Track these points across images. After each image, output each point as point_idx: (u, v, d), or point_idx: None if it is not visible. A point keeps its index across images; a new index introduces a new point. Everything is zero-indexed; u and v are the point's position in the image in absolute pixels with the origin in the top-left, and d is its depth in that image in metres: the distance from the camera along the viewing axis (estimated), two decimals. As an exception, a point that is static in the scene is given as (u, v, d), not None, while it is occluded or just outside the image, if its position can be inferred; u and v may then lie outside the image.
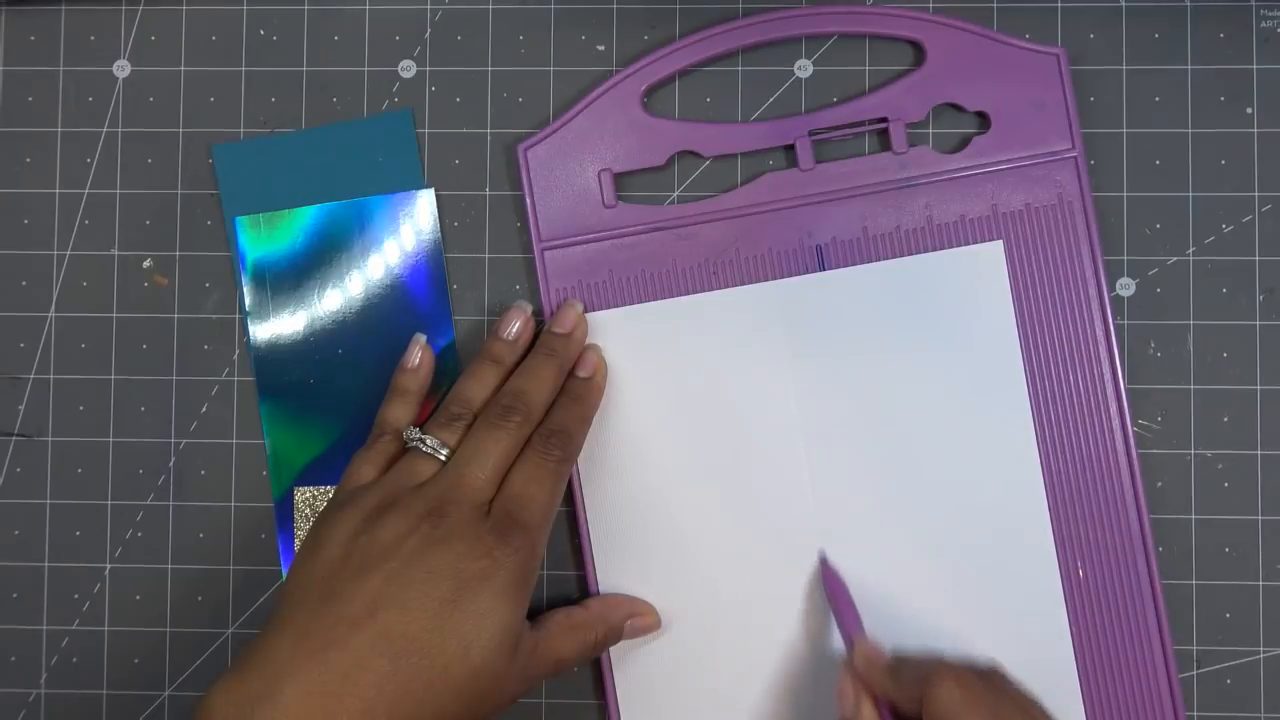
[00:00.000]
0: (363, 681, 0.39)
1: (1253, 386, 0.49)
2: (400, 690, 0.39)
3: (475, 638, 0.40)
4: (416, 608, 0.40)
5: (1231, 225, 0.50)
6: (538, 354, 0.47)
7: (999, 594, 0.47)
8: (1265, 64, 0.50)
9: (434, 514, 0.42)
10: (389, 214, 0.51)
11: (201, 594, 0.51)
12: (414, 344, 0.48)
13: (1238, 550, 0.49)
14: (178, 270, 0.51)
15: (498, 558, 0.41)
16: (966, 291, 0.48)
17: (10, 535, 0.52)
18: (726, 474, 0.48)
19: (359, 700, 0.39)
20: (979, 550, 0.48)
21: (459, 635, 0.40)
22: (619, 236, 0.49)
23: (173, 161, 0.52)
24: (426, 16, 0.51)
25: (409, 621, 0.40)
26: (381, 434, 0.46)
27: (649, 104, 0.51)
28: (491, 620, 0.41)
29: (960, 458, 0.48)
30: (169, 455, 0.51)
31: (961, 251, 0.48)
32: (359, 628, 0.40)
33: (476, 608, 0.41)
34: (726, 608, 0.48)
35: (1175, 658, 0.48)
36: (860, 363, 0.48)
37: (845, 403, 0.48)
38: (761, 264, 0.49)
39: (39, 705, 0.51)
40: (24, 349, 0.52)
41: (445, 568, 0.41)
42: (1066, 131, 0.49)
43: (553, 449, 0.44)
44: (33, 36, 0.52)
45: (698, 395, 0.48)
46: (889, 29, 0.49)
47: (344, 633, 0.40)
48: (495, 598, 0.41)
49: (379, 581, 0.41)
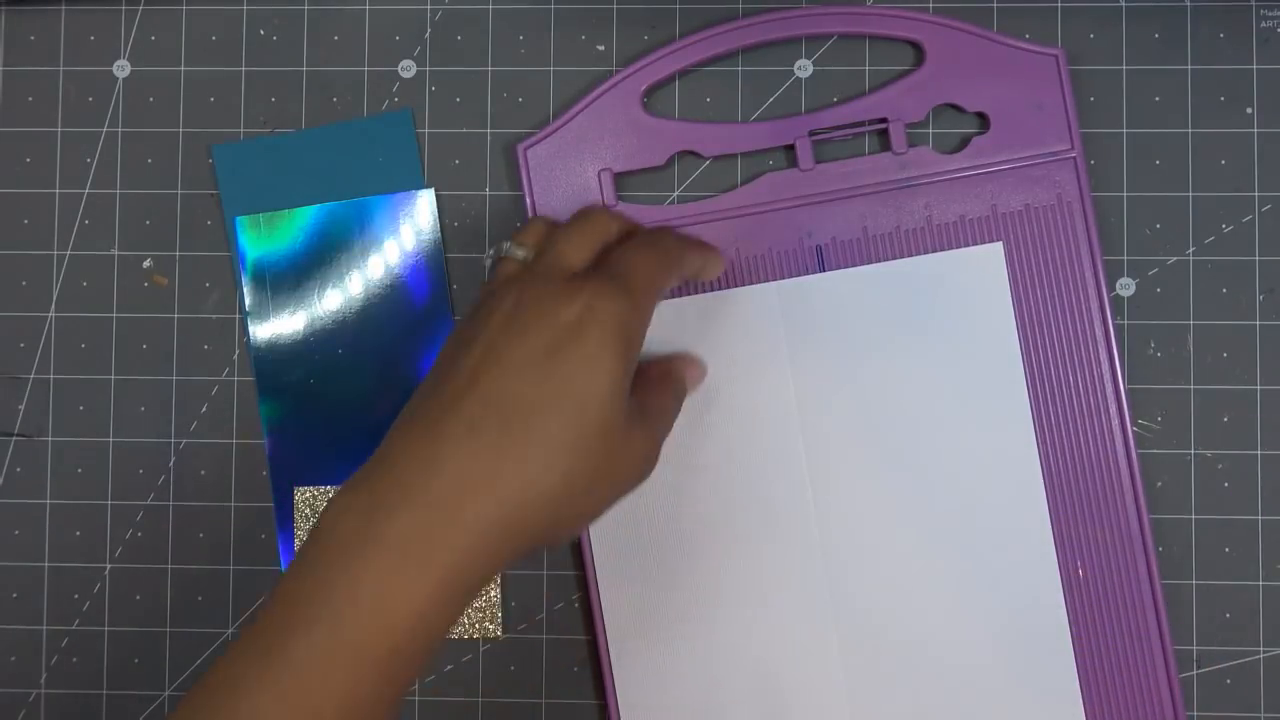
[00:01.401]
0: (477, 461, 0.37)
1: (1253, 386, 0.49)
2: (520, 457, 0.37)
3: (585, 386, 0.38)
4: (517, 361, 0.38)
5: (1231, 225, 0.50)
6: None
7: (999, 593, 0.47)
8: (1265, 64, 0.50)
9: (527, 282, 0.40)
10: (389, 214, 0.51)
11: (201, 594, 0.51)
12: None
13: (1238, 550, 0.49)
14: (178, 270, 0.51)
15: (595, 306, 0.39)
16: (966, 293, 0.48)
17: (10, 535, 0.52)
18: (726, 474, 0.48)
19: (474, 492, 0.37)
20: (979, 550, 0.48)
21: (568, 386, 0.38)
22: (619, 236, 0.49)
23: (173, 161, 0.52)
24: (426, 16, 0.51)
25: (510, 377, 0.38)
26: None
27: (649, 104, 0.51)
28: (600, 366, 0.38)
29: (960, 458, 0.48)
30: (169, 455, 0.51)
31: (962, 253, 0.48)
32: (465, 391, 0.38)
33: (582, 353, 0.38)
34: (726, 607, 0.48)
35: (1175, 658, 0.48)
36: (860, 363, 0.48)
37: (845, 403, 0.48)
38: (761, 264, 0.49)
39: (39, 705, 0.51)
40: (24, 349, 0.52)
41: (541, 320, 0.38)
42: (1066, 132, 0.49)
43: (663, 233, 0.44)
44: (33, 36, 0.52)
45: (698, 395, 0.48)
46: (889, 29, 0.49)
47: (452, 396, 0.38)
48: (601, 345, 0.38)
49: (479, 352, 0.38)
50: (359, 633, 0.35)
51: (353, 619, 0.35)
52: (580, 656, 0.50)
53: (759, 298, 0.49)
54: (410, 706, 0.51)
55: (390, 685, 0.36)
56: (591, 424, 0.38)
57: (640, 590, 0.48)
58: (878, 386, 0.48)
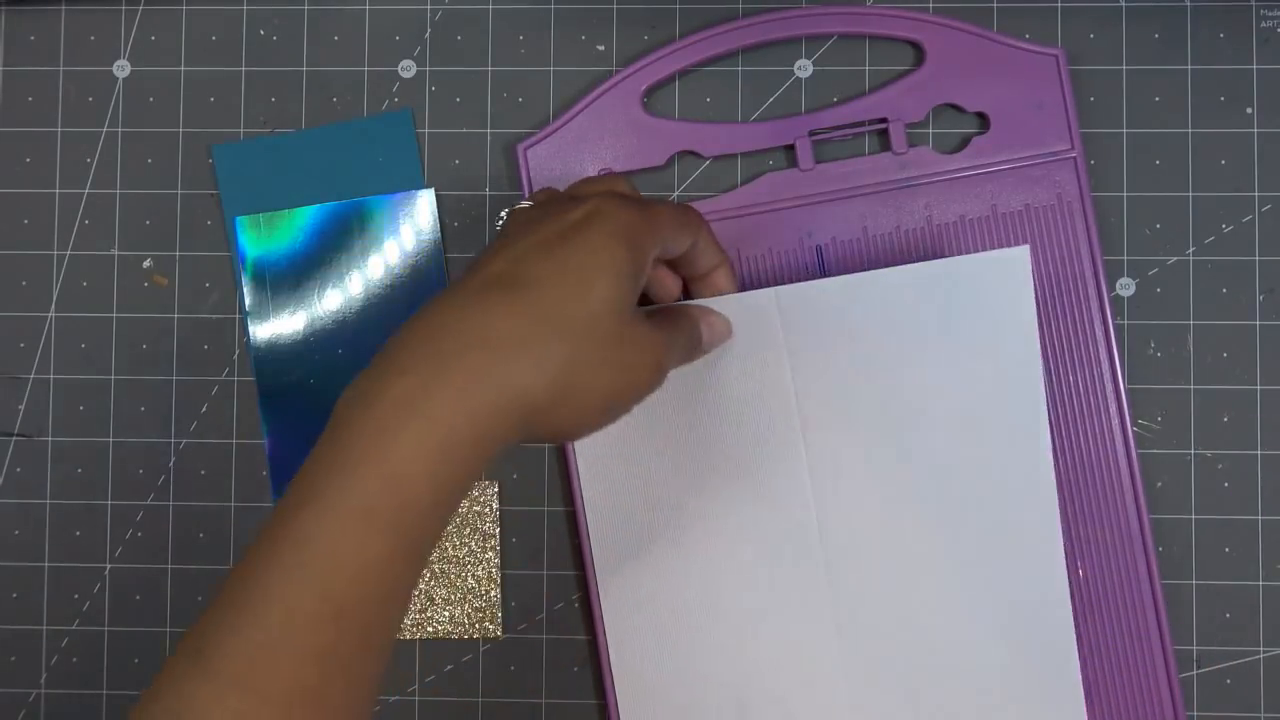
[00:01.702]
0: (481, 322, 0.38)
1: (1253, 386, 0.49)
2: (522, 319, 0.38)
3: (589, 266, 0.38)
4: (525, 246, 0.39)
5: (1231, 225, 0.50)
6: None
7: (1004, 596, 0.47)
8: (1265, 64, 0.50)
9: (569, 199, 0.41)
10: (389, 214, 0.51)
11: (201, 594, 0.51)
12: None
13: (1238, 550, 0.49)
14: (178, 270, 0.51)
15: (603, 210, 0.40)
16: (990, 295, 0.46)
17: (10, 535, 0.52)
18: (727, 475, 0.48)
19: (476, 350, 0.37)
20: (985, 551, 0.47)
21: (573, 267, 0.38)
22: (619, 236, 0.49)
23: (173, 161, 0.52)
24: (426, 16, 0.51)
25: (517, 260, 0.39)
26: None
27: (649, 104, 0.51)
28: (604, 256, 0.39)
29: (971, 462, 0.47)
30: (169, 455, 0.51)
31: (986, 256, 0.46)
32: (469, 276, 0.39)
33: (587, 243, 0.39)
34: (726, 608, 0.48)
35: (1175, 658, 0.48)
36: (870, 365, 0.48)
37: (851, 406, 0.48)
38: (761, 264, 0.49)
39: (39, 705, 0.51)
40: (24, 349, 0.52)
41: (550, 219, 0.40)
42: (1065, 132, 0.49)
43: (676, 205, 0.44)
44: (33, 36, 0.52)
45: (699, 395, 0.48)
46: (889, 29, 0.49)
47: (458, 283, 0.39)
48: (607, 237, 0.39)
49: (494, 246, 0.40)
50: (365, 496, 0.35)
51: (359, 482, 0.35)
52: (580, 656, 0.50)
53: (771, 300, 0.48)
54: (410, 706, 0.51)
55: (407, 547, 0.36)
56: (595, 302, 0.38)
57: (639, 590, 0.48)
58: (891, 388, 0.47)
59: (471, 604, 0.50)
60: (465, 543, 0.50)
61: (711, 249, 0.45)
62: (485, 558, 0.50)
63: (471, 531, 0.50)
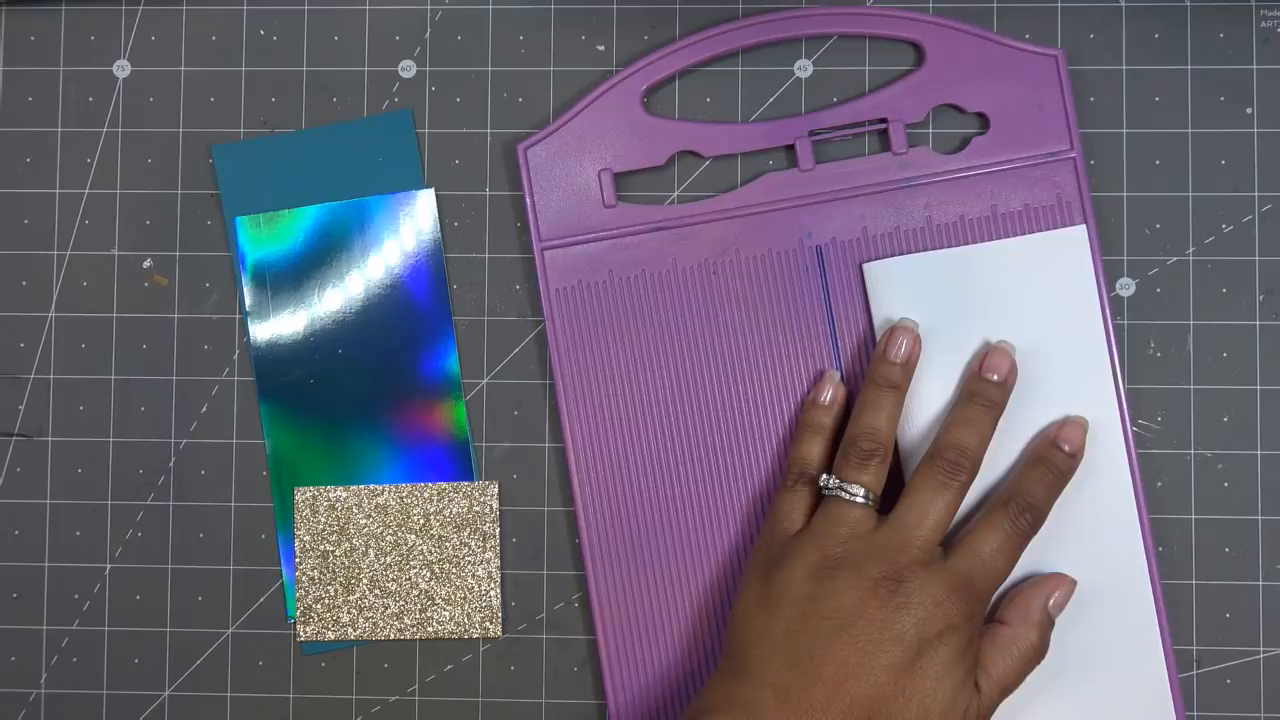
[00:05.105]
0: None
1: (1253, 386, 0.49)
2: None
3: (932, 700, 0.42)
4: (882, 676, 0.42)
5: (1231, 225, 0.50)
6: (975, 403, 0.46)
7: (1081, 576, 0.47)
8: (1265, 64, 0.50)
9: (890, 579, 0.43)
10: (389, 214, 0.51)
11: (201, 594, 0.51)
12: (826, 380, 0.48)
13: (1238, 550, 0.49)
14: (178, 270, 0.51)
15: (958, 625, 0.42)
16: (1049, 277, 0.47)
17: (10, 535, 0.52)
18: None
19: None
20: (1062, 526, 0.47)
21: (919, 697, 0.42)
22: (619, 236, 0.49)
23: (173, 161, 0.52)
24: (426, 16, 0.51)
25: (876, 689, 0.42)
26: (802, 474, 0.46)
27: (649, 104, 0.51)
28: (947, 683, 0.42)
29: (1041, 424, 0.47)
30: (169, 455, 0.51)
31: (1042, 237, 0.48)
32: (833, 696, 0.41)
33: (934, 670, 0.42)
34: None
35: (1175, 658, 0.48)
36: (938, 345, 0.47)
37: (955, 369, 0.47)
38: (761, 264, 0.49)
39: (39, 705, 0.51)
40: (24, 349, 0.52)
41: (908, 635, 0.42)
42: (1065, 132, 0.49)
43: (1024, 522, 0.44)
44: (33, 36, 0.52)
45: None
46: (889, 30, 0.49)
47: (821, 698, 0.41)
48: (951, 661, 0.42)
49: (845, 649, 0.42)
50: None
51: None
52: (580, 656, 0.50)
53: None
54: (410, 706, 0.51)
55: None
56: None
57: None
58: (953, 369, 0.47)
59: (471, 604, 0.50)
60: (465, 543, 0.50)
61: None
62: (485, 558, 0.50)
63: (471, 531, 0.50)
